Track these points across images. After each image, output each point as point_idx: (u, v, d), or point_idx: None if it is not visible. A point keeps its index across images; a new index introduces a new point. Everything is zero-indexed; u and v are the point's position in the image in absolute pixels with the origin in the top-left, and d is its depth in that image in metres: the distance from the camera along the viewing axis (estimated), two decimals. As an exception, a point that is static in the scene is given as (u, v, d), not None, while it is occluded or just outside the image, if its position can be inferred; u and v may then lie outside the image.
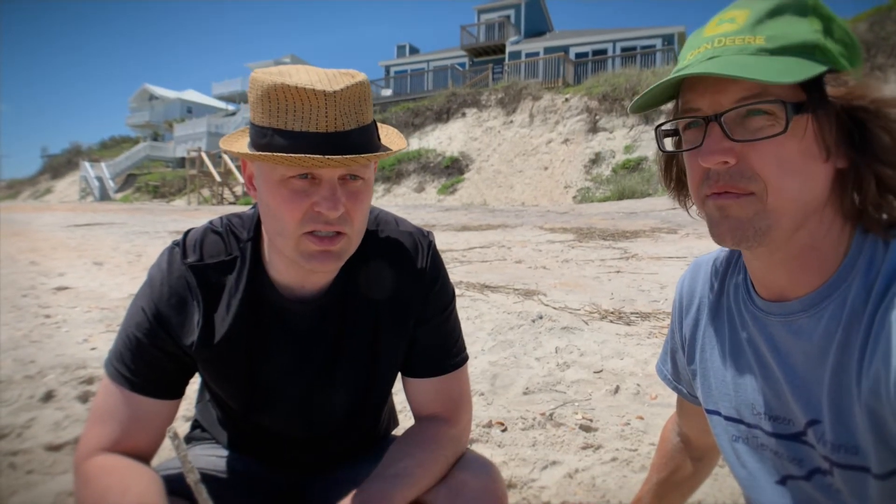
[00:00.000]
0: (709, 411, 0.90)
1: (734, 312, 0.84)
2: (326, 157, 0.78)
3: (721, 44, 0.67)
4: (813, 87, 0.64)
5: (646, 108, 0.75)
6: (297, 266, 0.90)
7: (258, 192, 0.88)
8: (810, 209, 0.68)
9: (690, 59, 0.70)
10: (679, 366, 1.01)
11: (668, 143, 0.78)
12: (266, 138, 0.81)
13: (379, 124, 0.94)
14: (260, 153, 0.80)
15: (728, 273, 0.88)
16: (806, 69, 0.63)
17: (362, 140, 0.82)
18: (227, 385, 1.00)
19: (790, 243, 0.70)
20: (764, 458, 0.82)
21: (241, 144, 0.88)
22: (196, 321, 0.93)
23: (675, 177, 0.84)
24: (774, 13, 0.67)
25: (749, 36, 0.66)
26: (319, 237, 0.84)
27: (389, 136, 0.96)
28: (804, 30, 0.65)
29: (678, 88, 0.74)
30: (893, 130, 0.65)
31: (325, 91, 0.78)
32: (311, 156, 0.77)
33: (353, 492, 0.87)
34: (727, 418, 0.86)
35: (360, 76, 0.84)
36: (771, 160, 0.65)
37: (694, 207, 0.82)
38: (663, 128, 0.76)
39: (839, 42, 0.67)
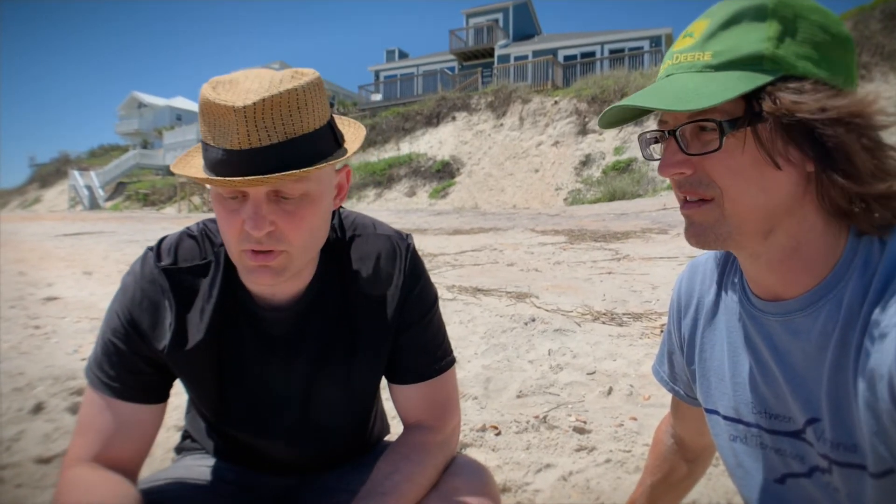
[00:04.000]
0: (708, 411, 0.90)
1: (732, 312, 0.84)
2: (223, 177, 0.75)
3: (677, 60, 0.71)
4: (755, 100, 0.65)
5: (615, 125, 0.78)
6: None
7: None
8: (775, 214, 0.68)
9: (660, 74, 0.74)
10: (676, 367, 1.01)
11: (657, 149, 0.79)
12: (205, 152, 0.80)
13: (343, 121, 0.91)
14: (182, 172, 0.81)
15: (726, 273, 0.88)
16: (737, 87, 0.64)
17: (289, 155, 0.77)
18: (201, 392, 0.99)
19: (769, 247, 0.71)
20: (763, 457, 0.82)
21: (198, 158, 0.86)
22: (168, 324, 0.92)
23: None
24: (730, 23, 0.67)
25: (699, 52, 0.69)
26: (255, 252, 0.82)
27: (356, 138, 0.91)
28: (755, 39, 0.65)
29: None
30: (840, 142, 0.63)
31: (233, 106, 0.74)
32: (214, 177, 0.76)
33: None
34: (726, 418, 0.86)
35: (298, 82, 0.78)
36: (722, 170, 0.68)
37: None
38: (646, 136, 0.79)
39: (805, 42, 0.65)
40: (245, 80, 0.78)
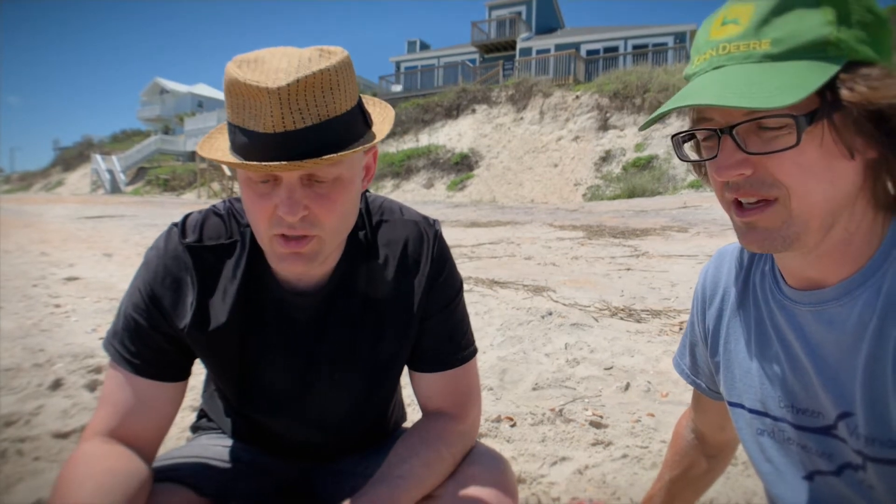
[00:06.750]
0: (732, 404, 0.88)
1: (760, 302, 0.82)
2: (258, 162, 0.72)
3: (726, 51, 0.64)
4: (828, 90, 0.60)
5: (654, 122, 0.71)
6: None
7: None
8: (839, 208, 0.65)
9: (697, 66, 0.67)
10: (699, 359, 0.99)
11: (688, 148, 0.75)
12: (233, 135, 0.78)
13: (369, 101, 0.89)
14: (210, 156, 0.78)
15: (754, 262, 0.85)
16: (813, 78, 0.59)
17: (323, 137, 0.74)
18: (222, 374, 0.98)
19: (823, 243, 0.68)
20: (790, 453, 0.79)
21: (222, 141, 0.84)
22: (189, 303, 0.90)
23: (705, 172, 0.81)
24: (782, 8, 0.62)
25: (754, 40, 0.62)
26: (287, 239, 0.80)
27: (384, 119, 0.88)
28: (814, 24, 0.61)
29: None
30: None
31: (267, 88, 0.70)
32: (248, 162, 0.73)
33: (359, 494, 0.84)
34: (752, 411, 0.84)
35: (329, 61, 0.75)
36: (790, 168, 0.63)
37: None
38: (679, 137, 0.73)
39: (857, 25, 0.61)
40: (272, 59, 0.75)
